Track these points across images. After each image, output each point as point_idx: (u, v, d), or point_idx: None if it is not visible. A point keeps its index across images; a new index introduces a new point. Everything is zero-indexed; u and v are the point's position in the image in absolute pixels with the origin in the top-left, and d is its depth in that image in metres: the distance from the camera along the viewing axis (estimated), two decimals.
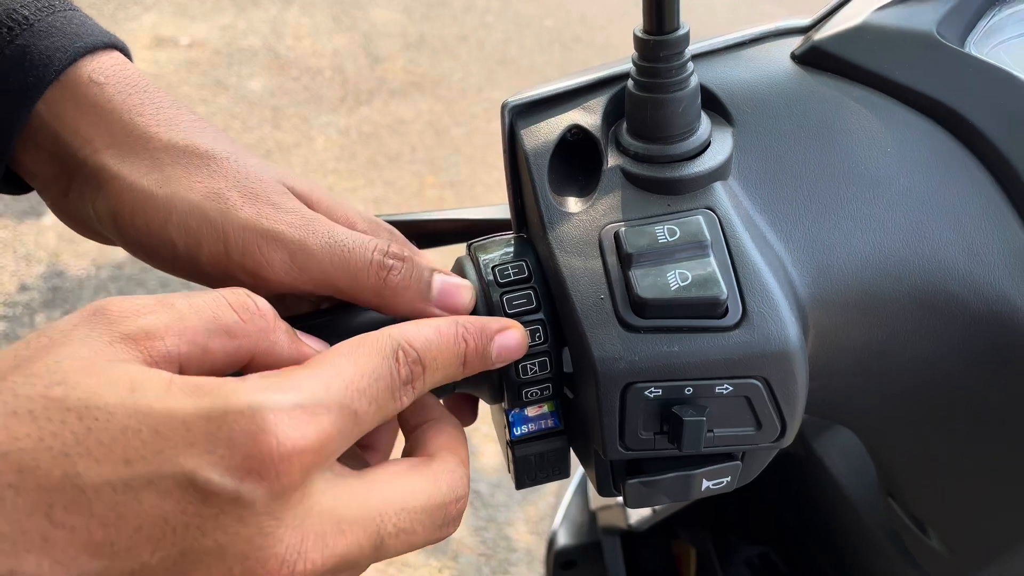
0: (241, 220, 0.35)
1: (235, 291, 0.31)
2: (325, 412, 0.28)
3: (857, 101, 0.37)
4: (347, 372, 0.30)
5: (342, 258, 0.35)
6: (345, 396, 0.29)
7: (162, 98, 0.38)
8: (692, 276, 0.33)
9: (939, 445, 0.43)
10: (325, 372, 0.29)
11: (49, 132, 0.36)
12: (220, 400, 0.26)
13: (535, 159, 0.36)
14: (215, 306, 0.30)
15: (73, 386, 0.26)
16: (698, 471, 0.36)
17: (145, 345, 0.28)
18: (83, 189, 0.37)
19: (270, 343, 0.31)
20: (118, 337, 0.27)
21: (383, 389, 0.31)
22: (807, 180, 0.36)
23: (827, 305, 0.35)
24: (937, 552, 0.48)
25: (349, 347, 0.31)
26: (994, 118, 0.36)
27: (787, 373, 0.33)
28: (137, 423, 0.25)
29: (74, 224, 0.39)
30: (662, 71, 0.34)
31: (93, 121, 0.36)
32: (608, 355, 0.33)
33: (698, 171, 0.35)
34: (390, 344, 0.31)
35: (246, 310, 0.30)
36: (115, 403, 0.26)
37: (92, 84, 0.36)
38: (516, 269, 0.37)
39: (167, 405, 0.26)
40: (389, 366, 0.31)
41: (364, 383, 0.30)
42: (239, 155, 0.37)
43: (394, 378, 0.31)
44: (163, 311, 0.29)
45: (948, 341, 0.36)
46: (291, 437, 0.27)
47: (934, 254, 0.35)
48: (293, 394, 0.27)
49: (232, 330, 0.30)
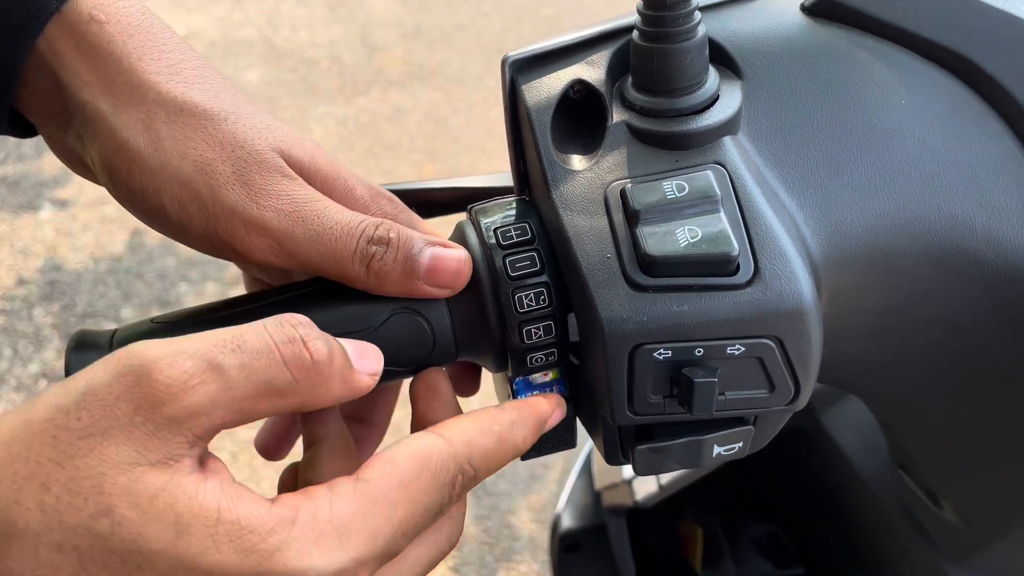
0: (229, 204, 0.34)
1: (290, 336, 0.29)
2: (366, 567, 0.28)
3: (869, 52, 0.36)
4: (400, 514, 0.29)
5: (328, 247, 0.34)
6: (391, 543, 0.29)
7: (166, 40, 0.36)
8: (702, 232, 0.32)
9: (954, 412, 0.42)
10: (378, 518, 0.28)
11: (49, 70, 0.35)
12: (266, 562, 0.26)
13: (537, 115, 0.35)
14: (267, 366, 0.28)
15: (118, 521, 0.25)
16: (709, 436, 0.34)
17: (190, 426, 0.27)
18: (81, 131, 0.36)
19: (320, 394, 0.30)
20: (163, 424, 0.26)
21: (431, 518, 0.30)
22: (819, 134, 0.35)
23: (841, 264, 0.34)
24: (950, 524, 0.47)
25: (412, 475, 0.29)
26: (1012, 69, 0.35)
27: (801, 332, 0.32)
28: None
29: (70, 163, 0.39)
30: (668, 20, 0.32)
31: (93, 64, 0.35)
32: (615, 315, 0.32)
33: (707, 125, 0.33)
34: (453, 471, 0.31)
35: (300, 366, 0.29)
36: (159, 551, 0.25)
37: (92, 22, 0.35)
38: (519, 231, 0.36)
39: (211, 560, 0.25)
40: (444, 496, 0.30)
41: (414, 523, 0.29)
42: (238, 114, 0.36)
43: (444, 504, 0.31)
44: (211, 380, 0.27)
45: (965, 300, 0.35)
46: None
47: (951, 209, 0.34)
48: (340, 555, 0.27)
49: (284, 391, 0.29)
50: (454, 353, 0.37)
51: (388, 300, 0.35)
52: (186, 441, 0.27)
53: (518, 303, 0.35)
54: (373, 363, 0.32)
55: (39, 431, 0.26)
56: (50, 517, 0.25)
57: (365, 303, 0.35)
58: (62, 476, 0.25)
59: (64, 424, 0.26)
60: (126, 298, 2.05)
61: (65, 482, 0.25)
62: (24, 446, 0.26)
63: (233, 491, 0.27)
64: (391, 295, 0.35)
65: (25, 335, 1.96)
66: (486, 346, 0.36)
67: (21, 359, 1.90)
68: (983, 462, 0.43)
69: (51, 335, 1.95)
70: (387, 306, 0.35)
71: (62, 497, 0.25)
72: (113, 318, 1.99)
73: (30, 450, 0.26)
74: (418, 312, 0.35)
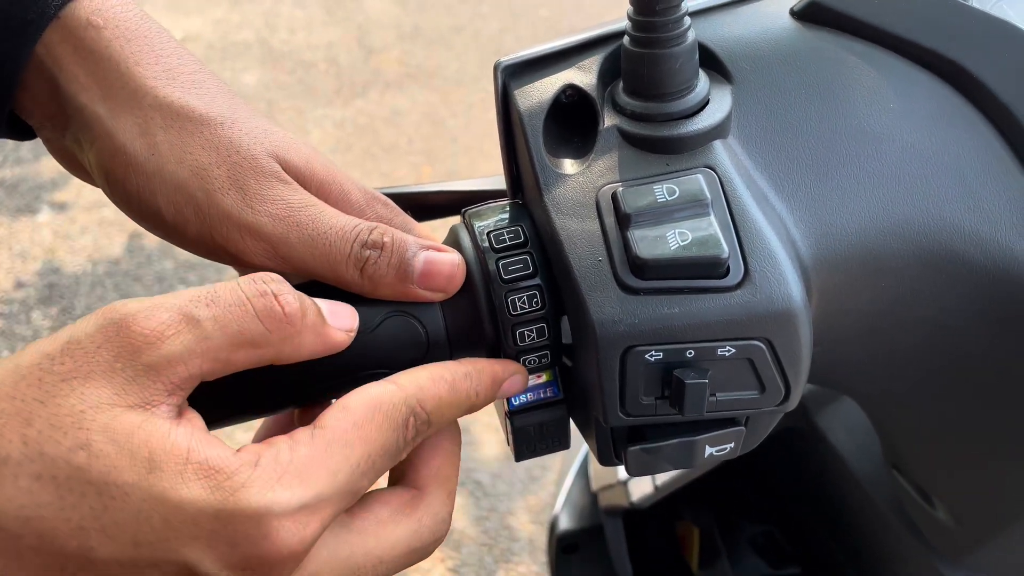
0: (224, 209, 0.35)
1: (261, 290, 0.31)
2: (328, 505, 0.29)
3: (858, 56, 0.36)
4: (357, 453, 0.30)
5: (322, 252, 0.35)
6: (350, 482, 0.30)
7: (163, 45, 0.37)
8: (692, 235, 0.32)
9: (945, 412, 0.42)
10: (335, 457, 0.30)
11: (47, 74, 0.36)
12: (230, 498, 0.27)
13: (529, 120, 0.36)
14: (240, 318, 0.30)
15: (95, 454, 0.27)
16: (701, 437, 0.35)
17: (167, 374, 0.28)
18: (78, 134, 0.36)
19: (294, 346, 0.31)
20: (141, 370, 0.28)
21: (388, 459, 0.31)
22: (808, 138, 0.35)
23: (830, 266, 0.34)
24: (943, 523, 0.47)
25: (365, 417, 0.31)
26: (999, 72, 0.35)
27: (791, 333, 0.32)
28: (150, 508, 0.27)
29: (68, 165, 0.39)
30: (658, 25, 0.33)
31: (90, 68, 0.35)
32: (607, 318, 0.32)
33: (697, 129, 0.34)
34: (404, 412, 0.32)
35: (272, 318, 0.30)
36: (132, 483, 0.27)
37: (91, 27, 0.36)
38: (512, 234, 0.36)
39: (180, 495, 0.27)
40: (398, 437, 0.32)
41: (371, 462, 0.31)
42: (235, 119, 0.36)
43: (399, 445, 0.32)
44: (187, 330, 0.29)
45: (954, 301, 0.36)
46: (290, 543, 0.28)
47: (939, 211, 0.34)
48: (300, 491, 0.28)
49: (256, 341, 0.30)
50: (448, 356, 0.37)
51: (382, 304, 0.36)
52: (164, 389, 0.28)
53: (511, 306, 0.35)
54: (347, 320, 0.33)
55: (26, 374, 0.27)
56: (31, 448, 0.26)
57: (359, 306, 0.35)
58: (44, 412, 0.27)
59: (49, 368, 0.27)
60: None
61: (47, 417, 0.27)
62: (11, 387, 0.27)
63: (202, 436, 0.29)
64: (385, 299, 0.35)
65: (23, 338, 1.96)
66: (480, 349, 0.37)
67: None
68: (974, 461, 0.43)
69: None
70: (381, 309, 0.36)
71: (43, 431, 0.27)
72: None
73: (16, 390, 0.27)
74: (412, 315, 0.36)
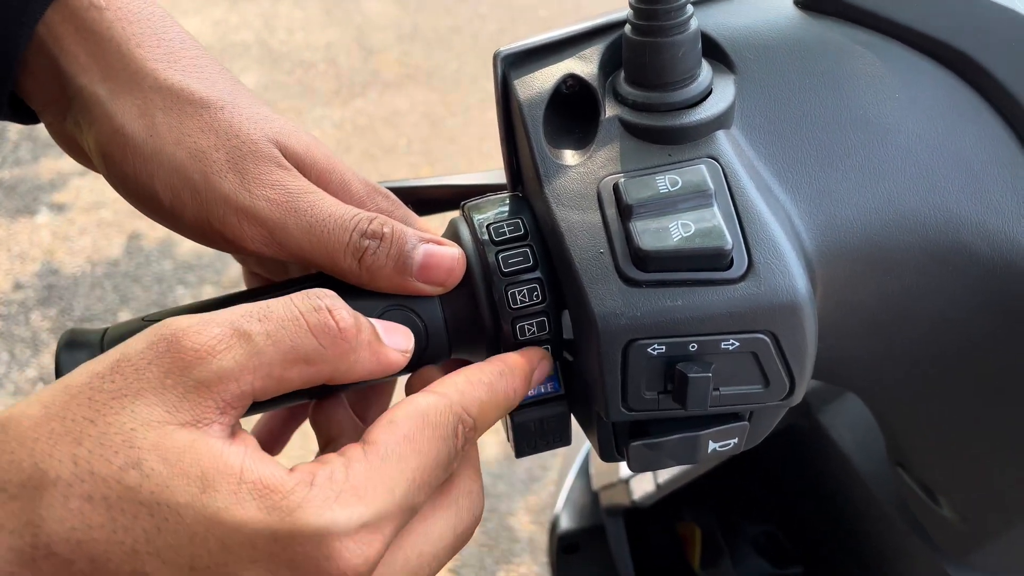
0: (222, 192, 0.34)
1: (315, 305, 0.30)
2: (389, 522, 0.28)
3: (863, 46, 0.35)
4: (411, 466, 0.29)
5: (320, 239, 0.34)
6: (408, 496, 0.29)
7: (166, 28, 0.36)
8: (695, 227, 0.31)
9: (951, 408, 0.41)
10: (391, 472, 0.29)
11: (49, 56, 0.35)
12: (288, 518, 0.26)
13: (529, 110, 0.35)
14: (294, 334, 0.29)
15: (147, 474, 0.26)
16: (704, 432, 0.34)
17: (219, 390, 0.28)
18: (78, 116, 0.36)
19: (349, 364, 0.31)
20: (192, 387, 0.27)
21: (442, 470, 0.31)
22: (813, 128, 0.34)
23: (835, 259, 0.34)
24: (948, 521, 0.47)
25: (415, 429, 0.30)
26: (1005, 61, 0.34)
27: (795, 326, 0.32)
28: (205, 530, 0.26)
29: (70, 150, 0.39)
30: (660, 13, 0.32)
31: (91, 50, 0.35)
32: (609, 310, 0.31)
33: (700, 119, 0.33)
34: (452, 421, 0.31)
35: (326, 334, 0.30)
36: (185, 503, 0.26)
37: (92, 8, 0.35)
38: (512, 227, 0.36)
39: (235, 516, 0.26)
40: (450, 447, 0.31)
41: (426, 475, 0.30)
42: (235, 104, 0.36)
43: (451, 455, 0.31)
44: (238, 345, 0.28)
45: (961, 294, 0.35)
46: (355, 564, 0.27)
47: (945, 203, 0.34)
48: (360, 509, 0.27)
49: (310, 357, 0.29)
50: (447, 350, 0.36)
51: (381, 297, 0.35)
52: (215, 406, 0.28)
53: (511, 299, 0.35)
54: (403, 341, 0.33)
55: (75, 393, 0.27)
56: (81, 468, 0.26)
57: (358, 299, 0.35)
58: (94, 431, 0.26)
59: (99, 387, 0.27)
60: (123, 302, 2.05)
61: (97, 436, 0.26)
62: (61, 406, 0.27)
63: (256, 455, 0.28)
64: (383, 291, 0.35)
65: (22, 339, 1.95)
66: (480, 343, 0.36)
67: (18, 363, 1.89)
68: (980, 459, 0.43)
69: (48, 339, 1.95)
70: (380, 303, 0.35)
71: (94, 450, 0.26)
72: (110, 322, 1.99)
73: (67, 410, 0.27)
74: (411, 309, 0.35)
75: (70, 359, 0.33)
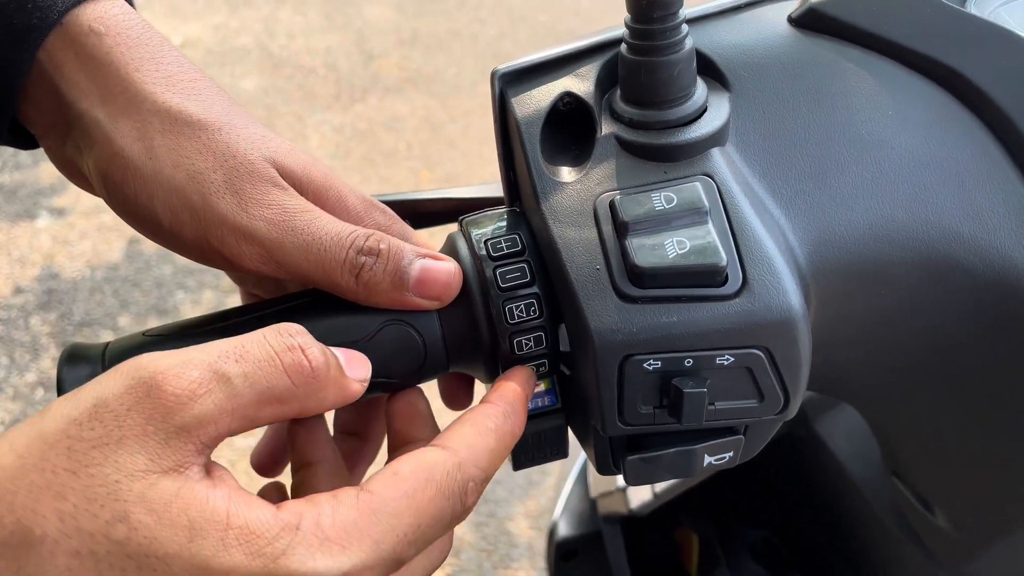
0: (219, 212, 0.34)
1: (289, 344, 0.30)
2: (370, 572, 0.28)
3: (856, 64, 0.36)
4: (405, 523, 0.29)
5: (317, 257, 0.34)
6: (395, 551, 0.29)
7: (164, 52, 0.37)
8: (690, 244, 0.32)
9: (945, 420, 0.42)
10: (382, 526, 0.29)
11: (49, 81, 0.36)
12: (272, 564, 0.27)
13: (527, 128, 0.36)
14: (269, 374, 0.29)
15: (134, 527, 0.26)
16: (699, 446, 0.35)
17: (199, 434, 0.28)
18: (79, 140, 0.36)
19: (318, 401, 0.31)
20: (173, 432, 0.27)
21: (441, 529, 0.31)
22: (806, 145, 0.35)
23: (829, 274, 0.34)
24: (943, 530, 0.47)
25: (417, 487, 0.30)
26: (997, 79, 0.35)
27: (790, 342, 0.32)
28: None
29: (69, 174, 0.39)
30: (656, 33, 0.33)
31: (91, 74, 0.36)
32: (605, 326, 0.32)
33: (695, 136, 0.34)
34: (460, 480, 0.31)
35: (299, 373, 0.30)
36: (173, 554, 0.26)
37: (92, 34, 0.36)
38: (509, 242, 0.36)
39: (222, 563, 0.26)
40: (455, 507, 0.31)
41: (421, 532, 0.30)
42: (232, 125, 0.36)
43: (456, 513, 0.31)
44: (218, 389, 0.28)
45: (954, 310, 0.35)
46: None
47: (938, 219, 0.34)
48: (343, 560, 0.28)
49: (283, 397, 0.30)
50: (445, 364, 0.37)
51: (379, 312, 0.35)
52: (195, 448, 0.28)
53: (508, 314, 0.35)
54: (362, 371, 0.33)
55: (53, 442, 0.27)
56: (67, 524, 0.26)
57: (356, 315, 0.35)
58: (78, 484, 0.26)
59: (77, 435, 0.27)
60: (123, 306, 2.05)
61: (81, 490, 0.26)
62: (39, 457, 0.26)
63: (241, 497, 0.28)
64: (381, 306, 0.35)
65: (22, 344, 1.96)
66: (477, 357, 0.37)
67: (18, 368, 1.90)
68: (974, 469, 0.43)
69: (48, 344, 1.95)
70: (378, 318, 0.35)
71: (79, 505, 0.26)
72: (110, 327, 1.99)
73: (45, 461, 0.26)
74: (409, 324, 0.36)
75: (72, 373, 0.34)
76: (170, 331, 0.36)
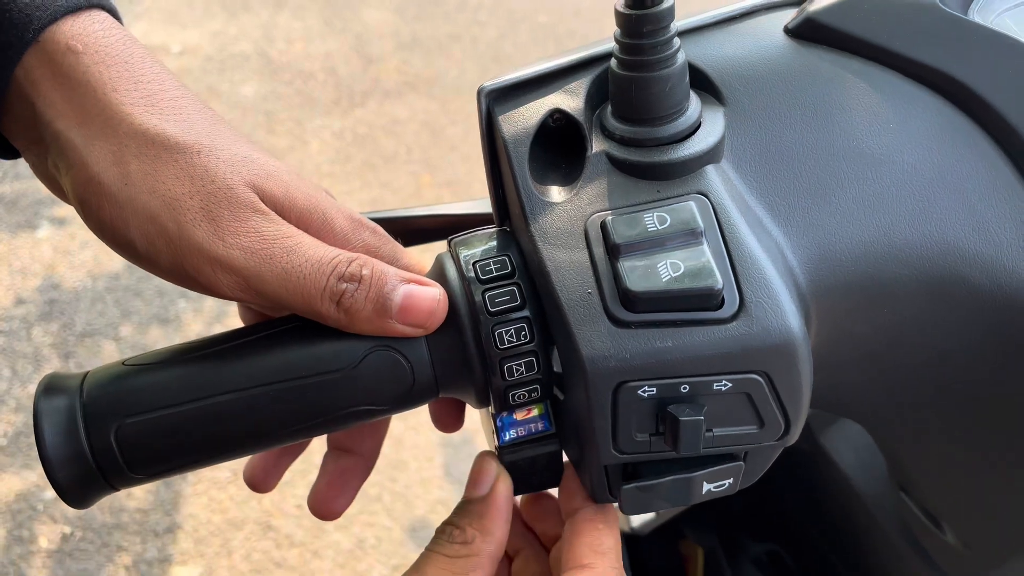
0: (196, 242, 0.33)
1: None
2: None
3: (856, 75, 0.35)
4: None
5: (297, 285, 0.34)
6: None
7: (145, 70, 0.36)
8: (685, 266, 0.31)
9: (952, 438, 0.40)
10: None
11: (27, 100, 0.35)
12: None
13: (515, 146, 0.34)
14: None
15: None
16: (698, 473, 0.33)
17: None
18: (57, 160, 0.36)
19: None
20: None
21: None
22: (805, 161, 0.34)
23: (830, 293, 0.33)
24: (952, 548, 0.46)
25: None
26: (1001, 88, 0.34)
27: (790, 366, 0.31)
28: None
29: (52, 189, 0.38)
30: (646, 48, 0.31)
31: (67, 95, 0.35)
32: (597, 353, 0.31)
33: (688, 154, 0.33)
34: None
35: None
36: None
37: (69, 52, 0.35)
38: (498, 264, 0.35)
39: None
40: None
41: None
42: (213, 147, 0.35)
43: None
44: None
45: (959, 327, 0.34)
46: None
47: (942, 235, 0.33)
48: None
49: None
50: (435, 390, 0.36)
51: (365, 338, 0.34)
52: None
53: (498, 339, 0.34)
54: None
55: None
56: None
57: (341, 341, 0.34)
58: None
59: None
60: (125, 316, 2.04)
61: None
62: None
63: None
64: (364, 333, 0.34)
65: (24, 355, 1.95)
66: (468, 383, 0.35)
67: (20, 379, 1.89)
68: (983, 487, 0.42)
69: (50, 355, 1.95)
70: (364, 344, 0.34)
71: None
72: (112, 336, 1.98)
73: None
74: (396, 350, 0.34)
75: (49, 406, 0.33)
76: (149, 360, 0.35)
